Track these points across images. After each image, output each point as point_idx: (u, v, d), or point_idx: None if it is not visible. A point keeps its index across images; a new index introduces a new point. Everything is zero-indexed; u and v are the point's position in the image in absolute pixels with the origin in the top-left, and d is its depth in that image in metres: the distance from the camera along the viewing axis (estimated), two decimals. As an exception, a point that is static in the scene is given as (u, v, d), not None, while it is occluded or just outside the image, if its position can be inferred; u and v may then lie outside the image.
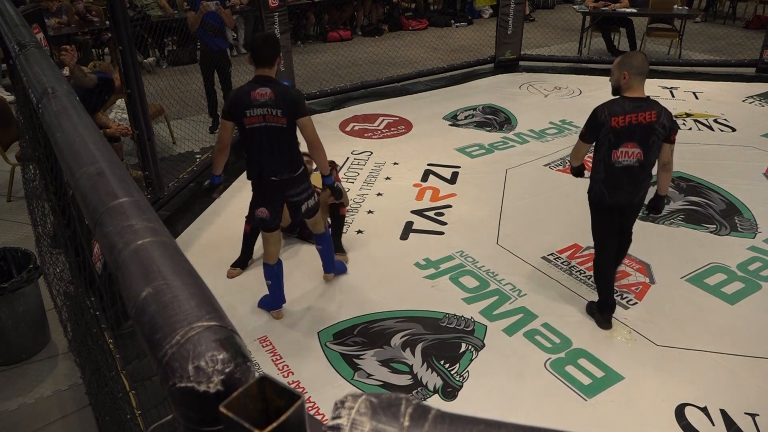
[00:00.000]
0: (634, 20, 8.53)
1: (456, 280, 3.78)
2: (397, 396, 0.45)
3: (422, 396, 2.94)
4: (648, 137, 3.08)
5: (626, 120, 3.04)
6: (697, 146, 5.64)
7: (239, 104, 3.10)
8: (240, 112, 3.10)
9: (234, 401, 0.46)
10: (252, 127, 3.11)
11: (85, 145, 1.06)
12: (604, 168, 3.16)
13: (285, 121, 3.10)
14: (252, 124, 3.10)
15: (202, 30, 5.93)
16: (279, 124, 3.11)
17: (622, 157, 3.11)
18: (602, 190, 3.20)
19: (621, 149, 3.09)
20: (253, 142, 3.15)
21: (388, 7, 11.23)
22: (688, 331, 3.33)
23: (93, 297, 2.35)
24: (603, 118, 3.06)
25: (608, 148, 3.10)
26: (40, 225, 3.48)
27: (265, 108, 3.08)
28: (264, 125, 3.11)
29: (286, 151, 3.18)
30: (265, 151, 3.15)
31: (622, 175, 3.14)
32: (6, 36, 2.53)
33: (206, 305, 0.58)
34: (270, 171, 3.19)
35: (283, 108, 3.08)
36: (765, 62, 7.68)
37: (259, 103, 3.07)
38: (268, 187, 3.25)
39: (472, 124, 6.34)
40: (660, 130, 3.09)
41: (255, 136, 3.13)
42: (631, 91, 3.11)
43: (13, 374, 3.20)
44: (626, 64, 3.11)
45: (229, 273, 3.91)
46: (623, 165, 3.12)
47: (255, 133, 3.13)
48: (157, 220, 0.77)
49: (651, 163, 3.19)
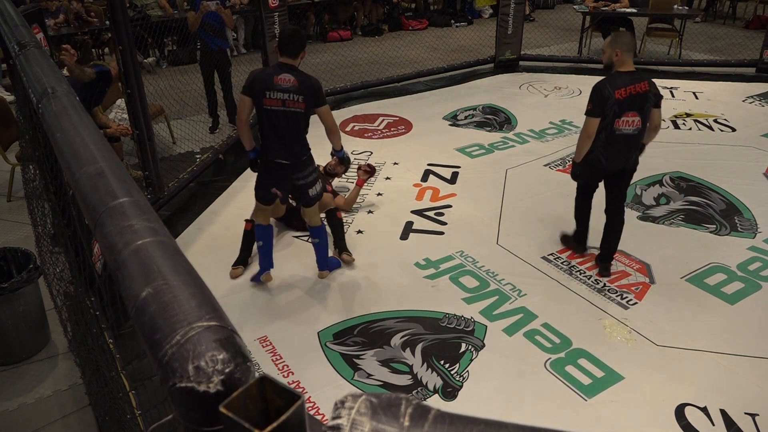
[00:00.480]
0: (634, 20, 8.53)
1: (456, 280, 3.78)
2: (397, 396, 0.45)
3: (422, 396, 2.94)
4: (644, 105, 3.42)
5: (627, 91, 3.37)
6: (697, 146, 5.64)
7: (261, 84, 3.29)
8: (260, 92, 3.28)
9: (234, 401, 0.46)
10: (269, 109, 3.30)
11: (85, 145, 1.06)
12: (606, 136, 3.46)
13: (304, 107, 3.32)
14: (270, 105, 3.30)
15: (202, 30, 5.93)
16: (298, 109, 3.31)
17: (624, 125, 3.43)
18: (599, 156, 3.52)
19: (623, 118, 3.41)
20: (268, 123, 3.34)
21: (388, 7, 11.23)
22: (688, 331, 3.33)
23: (93, 297, 2.35)
24: (607, 92, 3.38)
25: (612, 117, 3.41)
26: (40, 225, 3.48)
27: (287, 93, 3.28)
28: (282, 109, 3.30)
29: (296, 135, 3.38)
30: (277, 134, 3.35)
31: (621, 142, 3.47)
32: (6, 36, 2.53)
33: (206, 305, 0.58)
34: (279, 154, 3.38)
35: (305, 95, 3.30)
36: (765, 62, 7.68)
37: (282, 88, 3.27)
38: (277, 169, 3.43)
39: (472, 124, 6.34)
40: (652, 98, 3.44)
41: (271, 118, 3.32)
42: (624, 66, 3.44)
43: (13, 374, 3.19)
44: (617, 43, 3.45)
45: (232, 273, 3.91)
46: (623, 133, 3.44)
47: (271, 115, 3.31)
48: (157, 220, 0.77)
49: (645, 128, 3.51)
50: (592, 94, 3.45)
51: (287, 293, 3.73)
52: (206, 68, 6.11)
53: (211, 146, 5.78)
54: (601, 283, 3.72)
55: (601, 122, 3.44)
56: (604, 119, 3.43)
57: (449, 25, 11.10)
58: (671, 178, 5.02)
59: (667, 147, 5.63)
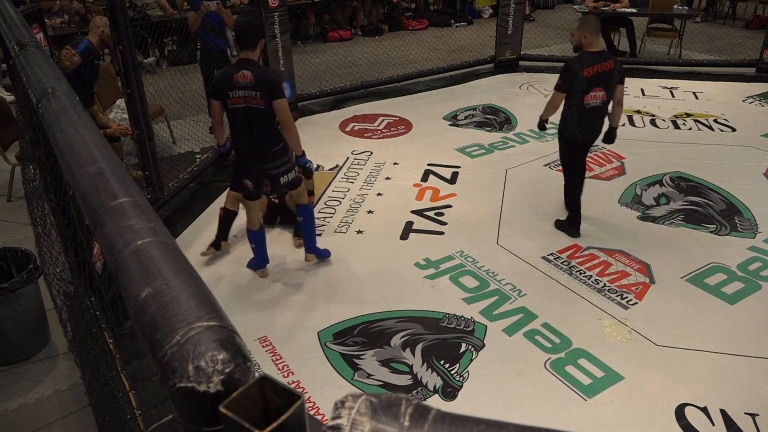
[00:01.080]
0: (634, 20, 8.53)
1: (456, 280, 3.78)
2: (397, 396, 0.45)
3: (422, 396, 2.94)
4: (609, 81, 3.85)
5: (594, 70, 3.79)
6: (697, 146, 5.64)
7: (223, 85, 3.38)
8: (224, 93, 3.37)
9: (234, 401, 0.46)
10: (234, 108, 3.39)
11: (85, 145, 1.06)
12: (577, 111, 3.88)
13: (263, 103, 3.35)
14: (234, 104, 3.38)
15: (202, 30, 5.93)
16: (258, 105, 3.36)
17: (592, 100, 3.85)
18: (575, 130, 3.94)
19: (591, 93, 3.83)
20: (235, 120, 3.45)
21: (388, 7, 11.23)
22: (688, 331, 3.33)
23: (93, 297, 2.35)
24: (576, 70, 3.79)
25: (581, 94, 3.82)
26: (40, 225, 3.48)
27: (245, 90, 3.35)
28: (245, 106, 3.38)
29: (264, 130, 3.45)
30: (245, 130, 3.44)
31: (590, 115, 3.90)
32: (6, 36, 2.53)
33: (206, 305, 0.58)
34: (249, 148, 3.49)
35: (262, 90, 3.33)
36: (765, 62, 7.68)
37: (241, 86, 3.34)
38: (248, 161, 3.55)
39: (472, 124, 6.34)
40: (617, 75, 3.86)
41: (237, 115, 3.41)
42: (592, 47, 3.85)
43: (13, 374, 3.19)
44: (585, 27, 3.86)
45: (205, 252, 4.00)
46: (591, 106, 3.87)
47: (237, 112, 3.40)
48: (157, 220, 0.77)
49: (608, 102, 3.93)
50: (563, 71, 3.86)
51: (287, 293, 3.73)
52: (206, 68, 6.10)
53: (211, 146, 5.78)
54: (601, 283, 3.72)
55: (572, 99, 3.86)
56: (574, 96, 3.84)
57: (449, 25, 11.10)
58: (671, 178, 5.02)
59: (667, 147, 5.63)
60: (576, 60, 3.83)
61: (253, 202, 3.70)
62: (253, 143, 3.47)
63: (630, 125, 6.19)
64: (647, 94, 7.12)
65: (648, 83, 7.47)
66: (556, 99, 3.94)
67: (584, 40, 3.82)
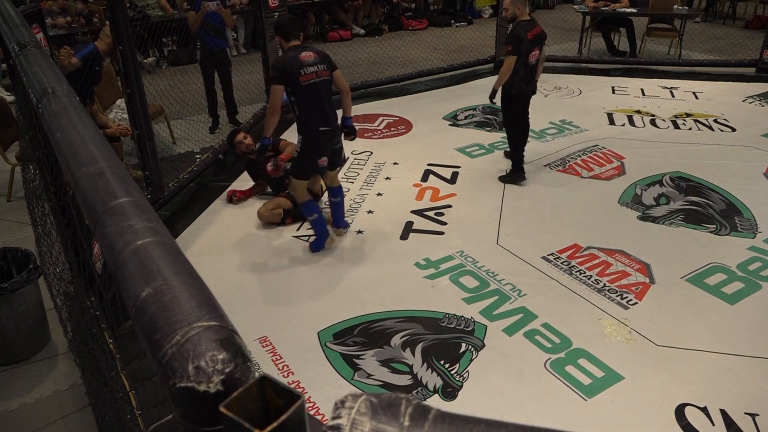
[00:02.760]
0: (634, 20, 8.53)
1: (456, 280, 3.78)
2: (397, 396, 0.45)
3: (422, 396, 2.94)
4: (542, 42, 4.73)
5: (533, 33, 4.62)
6: (697, 146, 5.65)
7: (291, 68, 3.60)
8: (294, 73, 3.60)
9: (234, 401, 0.46)
10: (308, 84, 3.63)
11: (85, 145, 1.06)
12: (524, 68, 4.64)
13: (329, 74, 3.73)
14: (308, 80, 3.63)
15: (202, 30, 5.94)
16: (326, 77, 3.72)
17: (532, 58, 4.68)
18: (521, 85, 4.70)
19: (533, 53, 4.65)
20: (309, 97, 3.66)
21: (388, 7, 11.23)
22: (688, 331, 3.33)
23: (93, 297, 2.35)
24: (522, 35, 4.56)
25: (526, 54, 4.60)
26: (40, 225, 3.48)
27: (315, 66, 3.66)
28: (318, 80, 3.66)
29: (331, 102, 3.78)
30: (318, 105, 3.68)
31: (531, 70, 4.73)
32: (6, 36, 2.53)
33: (206, 305, 0.58)
34: (324, 122, 3.72)
35: (326, 63, 3.73)
36: (765, 62, 7.68)
37: (310, 62, 3.65)
38: (323, 138, 3.75)
39: (472, 124, 6.34)
40: (544, 36, 4.77)
41: (312, 91, 3.65)
42: (524, 16, 4.65)
43: (13, 374, 3.19)
44: (518, 1, 4.64)
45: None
46: (532, 64, 4.69)
47: (312, 88, 3.65)
48: (157, 220, 0.77)
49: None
50: (512, 38, 4.59)
51: (287, 293, 3.73)
52: (206, 68, 6.11)
53: (211, 146, 5.79)
54: (601, 283, 3.72)
55: (519, 60, 4.57)
56: (521, 57, 4.57)
57: (449, 25, 11.10)
58: (671, 178, 5.02)
59: (667, 147, 5.64)
60: (519, 27, 4.60)
61: (303, 182, 3.88)
62: (327, 117, 3.72)
63: (630, 125, 6.19)
64: (647, 94, 7.13)
65: (648, 83, 7.47)
66: (511, 63, 4.58)
67: (518, 11, 4.63)
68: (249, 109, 6.70)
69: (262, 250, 4.16)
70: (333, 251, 4.11)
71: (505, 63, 4.62)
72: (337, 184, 4.13)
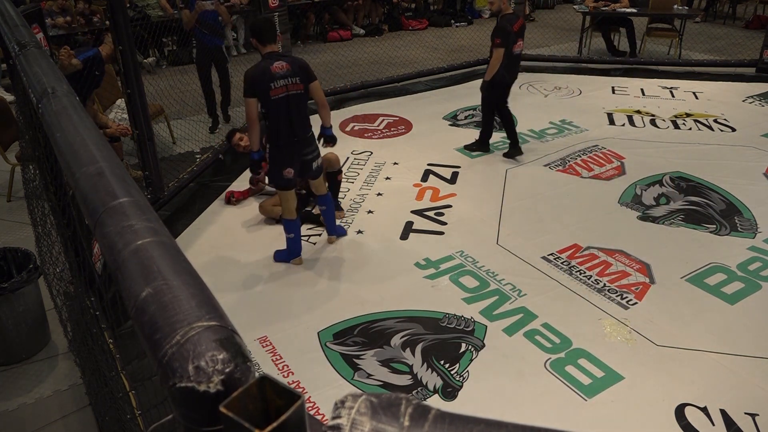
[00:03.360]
0: (634, 20, 8.53)
1: (456, 280, 3.78)
2: (397, 396, 0.45)
3: (422, 396, 2.94)
4: (524, 33, 5.27)
5: (518, 25, 5.07)
6: (697, 146, 5.65)
7: (261, 80, 3.50)
8: (264, 87, 3.50)
9: (234, 401, 0.46)
10: (278, 98, 3.54)
11: (85, 145, 1.06)
12: (507, 59, 5.01)
13: (302, 87, 3.61)
14: (277, 95, 3.53)
15: (198, 28, 5.98)
16: (298, 91, 3.59)
17: (517, 48, 5.13)
18: (504, 73, 5.07)
19: (517, 43, 5.11)
20: (279, 110, 3.57)
21: (388, 7, 11.22)
22: (688, 331, 3.33)
23: (93, 297, 2.35)
24: (509, 28, 4.96)
25: (511, 45, 5.01)
26: (40, 225, 3.48)
27: (285, 79, 3.54)
28: (286, 95, 3.55)
29: (303, 115, 3.67)
30: (286, 119, 3.59)
31: (515, 60, 5.16)
32: (6, 36, 2.53)
33: (206, 305, 0.58)
34: (293, 133, 3.64)
35: (300, 75, 3.59)
36: (765, 62, 7.69)
37: (280, 75, 3.53)
38: (290, 148, 3.67)
39: (472, 124, 6.33)
40: (525, 27, 5.31)
41: (281, 105, 3.56)
42: (508, 10, 5.10)
43: (13, 374, 3.19)
44: None
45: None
46: (516, 53, 5.13)
47: (279, 103, 3.55)
48: (157, 220, 0.77)
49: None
50: (499, 32, 4.95)
51: (287, 293, 3.73)
52: (203, 66, 6.13)
53: (211, 146, 5.79)
54: (601, 283, 3.72)
55: (506, 50, 4.94)
56: (508, 47, 4.94)
57: (449, 25, 11.10)
58: (671, 178, 5.02)
59: (667, 147, 5.64)
60: (505, 20, 5.00)
61: (289, 192, 3.81)
62: (294, 131, 3.63)
63: (630, 125, 6.20)
64: (647, 94, 7.13)
65: (648, 83, 7.47)
66: (500, 54, 4.95)
67: (503, 5, 5.02)
68: (249, 109, 6.69)
69: (262, 250, 4.16)
70: (333, 251, 4.11)
71: (495, 54, 4.98)
72: (322, 192, 4.01)
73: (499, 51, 4.93)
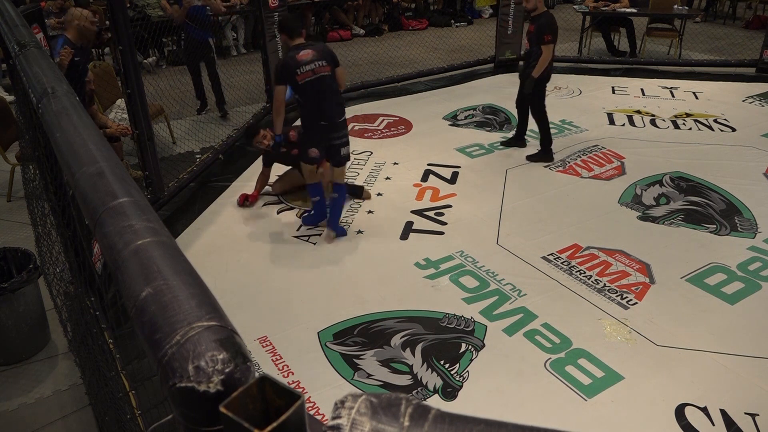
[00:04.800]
0: (634, 20, 8.53)
1: (456, 280, 3.78)
2: (397, 396, 0.45)
3: (422, 396, 2.94)
4: None
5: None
6: (697, 146, 5.65)
7: (289, 68, 3.80)
8: (291, 73, 3.79)
9: (234, 401, 0.46)
10: (304, 82, 3.80)
11: (85, 145, 1.06)
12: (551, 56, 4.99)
13: (329, 69, 3.87)
14: (304, 79, 3.80)
15: (186, 22, 6.16)
16: (326, 72, 3.85)
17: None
18: (549, 70, 5.07)
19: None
20: (307, 94, 3.84)
21: (388, 7, 11.22)
22: (688, 331, 3.33)
23: (93, 297, 2.35)
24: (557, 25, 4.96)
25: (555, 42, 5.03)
26: (40, 225, 3.48)
27: (312, 63, 3.81)
28: (314, 78, 3.81)
29: (333, 98, 3.92)
30: (315, 101, 3.85)
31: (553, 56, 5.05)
32: (6, 36, 2.53)
33: (206, 305, 0.58)
34: (321, 116, 3.89)
35: (326, 59, 3.86)
36: (765, 62, 7.69)
37: (307, 61, 3.80)
38: (319, 130, 3.93)
39: (472, 124, 6.34)
40: None
41: (308, 89, 3.82)
42: (544, 9, 4.99)
43: (13, 374, 3.19)
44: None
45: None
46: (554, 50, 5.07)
47: (307, 86, 3.82)
48: (157, 220, 0.77)
49: None
50: (551, 28, 4.88)
51: (287, 293, 3.73)
52: (190, 58, 6.34)
53: (211, 146, 5.79)
54: (601, 283, 3.72)
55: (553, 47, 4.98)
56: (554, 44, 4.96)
57: (449, 25, 11.10)
58: (671, 178, 5.02)
59: (667, 147, 5.64)
60: (552, 18, 4.93)
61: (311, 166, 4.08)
62: (323, 113, 3.89)
63: (630, 125, 6.20)
64: (647, 94, 7.13)
65: (648, 83, 7.47)
66: (551, 51, 4.92)
67: (539, 4, 4.94)
68: (249, 109, 6.70)
69: (262, 250, 4.16)
70: (333, 251, 4.11)
71: (546, 52, 4.90)
72: (339, 180, 4.19)
73: (550, 48, 4.90)
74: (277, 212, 4.66)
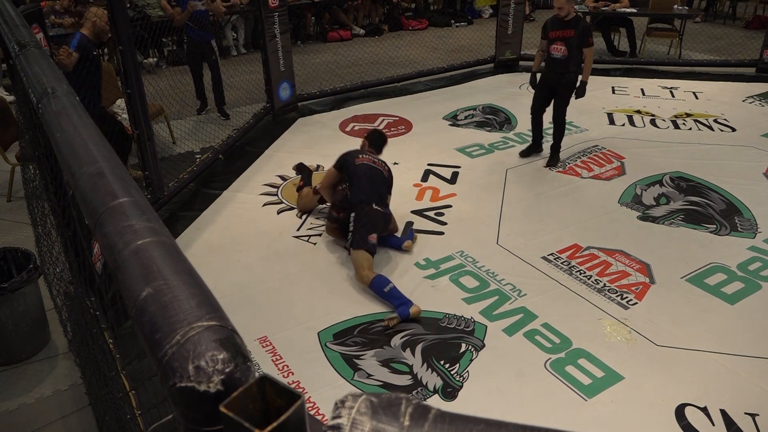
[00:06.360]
0: (634, 20, 8.53)
1: (456, 280, 3.78)
2: (397, 396, 0.45)
3: (422, 396, 2.94)
4: None
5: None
6: (697, 146, 5.65)
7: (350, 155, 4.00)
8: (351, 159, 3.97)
9: (234, 401, 0.46)
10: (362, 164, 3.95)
11: (85, 145, 1.06)
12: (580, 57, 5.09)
13: (387, 171, 4.10)
14: (362, 162, 3.98)
15: (187, 24, 6.18)
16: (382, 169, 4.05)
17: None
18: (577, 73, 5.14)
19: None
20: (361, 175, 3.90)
21: (388, 7, 11.22)
22: (688, 331, 3.33)
23: (93, 297, 2.35)
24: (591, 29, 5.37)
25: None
26: (40, 225, 3.48)
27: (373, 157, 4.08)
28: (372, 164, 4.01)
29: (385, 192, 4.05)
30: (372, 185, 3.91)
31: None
32: (6, 36, 2.53)
33: (206, 305, 0.58)
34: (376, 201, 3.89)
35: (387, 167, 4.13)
36: (765, 62, 7.69)
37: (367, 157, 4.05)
38: (375, 216, 3.84)
39: (472, 124, 6.34)
40: None
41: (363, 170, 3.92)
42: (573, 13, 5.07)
43: (13, 374, 3.19)
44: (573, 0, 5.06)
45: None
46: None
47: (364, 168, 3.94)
48: (157, 220, 0.77)
49: None
50: (589, 30, 5.08)
51: (287, 293, 3.73)
52: (192, 59, 6.34)
53: (211, 146, 5.78)
54: (601, 283, 3.72)
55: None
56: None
57: (449, 25, 11.10)
58: (671, 178, 5.02)
59: (667, 147, 5.64)
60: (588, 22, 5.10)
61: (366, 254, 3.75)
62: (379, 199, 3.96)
63: (630, 125, 6.19)
64: (647, 94, 7.13)
65: (648, 83, 7.47)
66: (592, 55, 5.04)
67: (571, 9, 5.01)
68: (249, 108, 6.70)
69: (262, 251, 4.16)
70: (333, 251, 4.11)
71: (590, 55, 5.02)
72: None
73: (593, 50, 5.03)
74: (277, 212, 4.66)
